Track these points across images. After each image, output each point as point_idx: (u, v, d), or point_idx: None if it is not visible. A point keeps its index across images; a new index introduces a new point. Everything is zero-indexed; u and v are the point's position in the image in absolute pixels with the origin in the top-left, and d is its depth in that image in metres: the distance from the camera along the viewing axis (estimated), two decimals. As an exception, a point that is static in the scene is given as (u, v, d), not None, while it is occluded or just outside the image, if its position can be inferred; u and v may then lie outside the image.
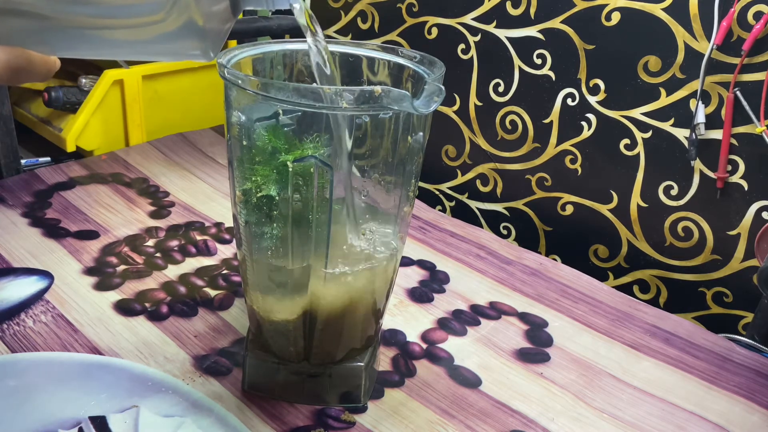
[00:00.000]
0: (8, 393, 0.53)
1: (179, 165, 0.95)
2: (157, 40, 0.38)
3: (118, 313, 0.64)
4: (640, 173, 0.85)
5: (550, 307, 0.71)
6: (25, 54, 0.38)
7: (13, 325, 0.61)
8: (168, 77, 1.02)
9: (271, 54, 0.55)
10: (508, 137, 0.96)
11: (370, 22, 1.07)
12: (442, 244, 0.82)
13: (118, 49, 0.42)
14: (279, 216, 0.49)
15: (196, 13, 0.37)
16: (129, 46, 0.39)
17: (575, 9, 0.85)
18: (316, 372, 0.55)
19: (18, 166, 0.90)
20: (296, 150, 0.47)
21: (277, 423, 0.53)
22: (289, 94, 0.44)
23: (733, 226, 0.79)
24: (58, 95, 0.94)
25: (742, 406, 0.59)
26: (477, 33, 0.95)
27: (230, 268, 0.73)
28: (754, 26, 0.72)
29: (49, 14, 0.36)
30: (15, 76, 0.38)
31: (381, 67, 0.55)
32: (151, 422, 0.52)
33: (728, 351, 0.66)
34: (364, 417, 0.55)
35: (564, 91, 0.89)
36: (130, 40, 0.39)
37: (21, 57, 0.38)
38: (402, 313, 0.68)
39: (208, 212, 0.84)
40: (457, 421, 0.55)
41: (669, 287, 0.86)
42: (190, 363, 0.59)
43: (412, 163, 0.50)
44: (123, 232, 0.78)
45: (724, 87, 0.76)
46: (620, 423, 0.56)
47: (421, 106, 0.43)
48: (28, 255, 0.72)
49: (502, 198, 0.99)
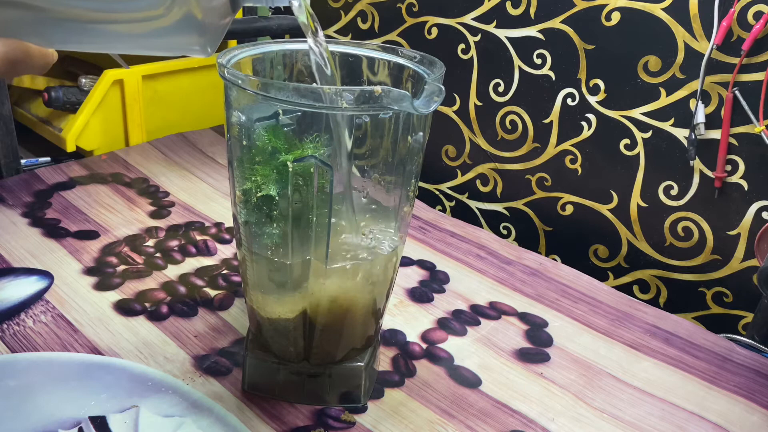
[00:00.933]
0: (8, 393, 0.53)
1: (179, 165, 0.95)
2: (156, 34, 0.38)
3: (118, 313, 0.64)
4: (640, 173, 0.85)
5: (550, 307, 0.71)
6: (23, 46, 0.38)
7: (13, 325, 0.61)
8: (168, 77, 1.02)
9: (271, 54, 0.55)
10: (508, 137, 0.96)
11: (370, 22, 1.07)
12: (442, 244, 0.82)
13: (116, 42, 0.41)
14: (279, 216, 0.49)
15: (195, 8, 0.37)
16: (127, 40, 0.39)
17: (575, 9, 0.85)
18: (316, 372, 0.55)
19: (18, 166, 0.90)
20: (296, 150, 0.47)
21: (277, 423, 0.53)
22: (289, 94, 0.44)
23: (733, 226, 0.79)
24: (58, 95, 0.94)
25: (742, 406, 0.59)
26: (477, 33, 0.95)
27: (230, 268, 0.73)
28: (754, 26, 0.72)
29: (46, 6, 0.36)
30: (12, 68, 0.38)
31: (381, 67, 0.55)
32: (151, 422, 0.52)
33: (728, 351, 0.66)
34: (364, 417, 0.55)
35: (564, 91, 0.89)
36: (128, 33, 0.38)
37: (18, 49, 0.38)
38: (402, 313, 0.68)
39: (208, 212, 0.84)
40: (457, 421, 0.55)
41: (669, 287, 0.86)
42: (190, 363, 0.59)
43: (412, 163, 0.50)
44: (123, 232, 0.78)
45: (724, 87, 0.76)
46: (620, 423, 0.56)
47: (421, 106, 0.43)
48: (28, 255, 0.72)
49: (502, 198, 0.99)
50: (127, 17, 0.37)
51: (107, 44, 0.41)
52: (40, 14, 0.36)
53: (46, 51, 0.40)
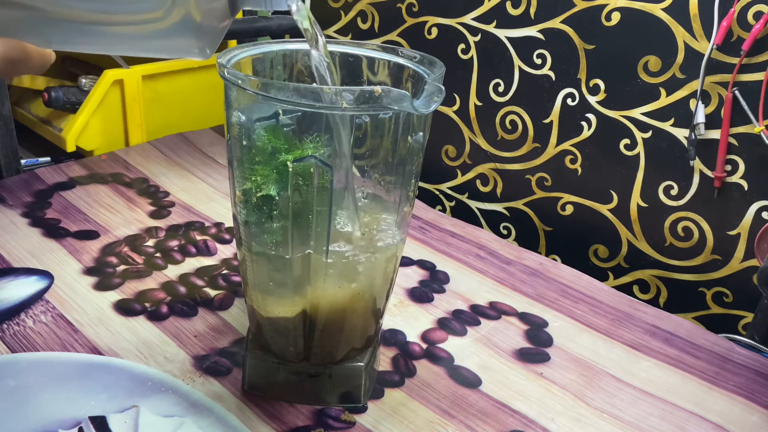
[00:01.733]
0: (8, 393, 0.53)
1: (179, 165, 0.95)
2: (155, 36, 0.38)
3: (118, 313, 0.64)
4: (640, 173, 0.85)
5: (550, 307, 0.71)
6: (21, 46, 0.38)
7: (13, 325, 0.61)
8: (168, 77, 1.02)
9: (271, 54, 0.55)
10: (508, 137, 0.96)
11: (370, 22, 1.07)
12: (442, 244, 0.82)
13: (114, 44, 0.41)
14: (279, 215, 0.49)
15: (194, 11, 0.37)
16: (126, 41, 0.39)
17: (575, 9, 0.85)
18: (316, 372, 0.55)
19: (18, 166, 0.90)
20: (296, 150, 0.47)
21: (277, 423, 0.53)
22: (289, 94, 0.44)
23: (733, 226, 0.79)
24: (58, 95, 0.94)
25: (742, 406, 0.59)
26: (477, 33, 0.95)
27: (230, 268, 0.73)
28: (754, 26, 0.72)
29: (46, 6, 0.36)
30: (11, 67, 0.38)
31: (381, 67, 0.55)
32: (151, 422, 0.52)
33: (728, 351, 0.66)
34: (364, 417, 0.55)
35: (564, 91, 0.89)
36: (127, 35, 0.38)
37: (17, 48, 0.38)
38: (402, 313, 0.68)
39: (208, 212, 0.84)
40: (457, 421, 0.55)
41: (669, 287, 0.86)
42: (190, 363, 0.59)
43: (412, 163, 0.50)
44: (123, 232, 0.78)
45: (724, 87, 0.76)
46: (620, 423, 0.56)
47: (421, 106, 0.43)
48: (28, 255, 0.72)
49: (502, 198, 0.99)
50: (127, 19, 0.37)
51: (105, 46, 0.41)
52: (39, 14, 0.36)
53: (44, 51, 0.40)
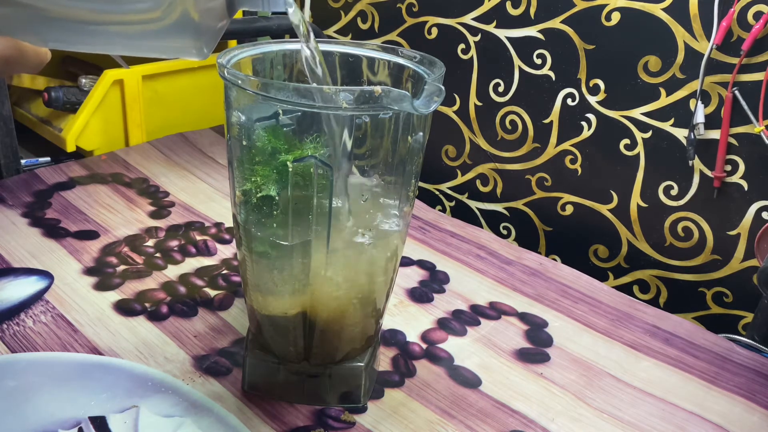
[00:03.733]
0: (8, 393, 0.53)
1: (179, 165, 0.95)
2: (152, 36, 0.38)
3: (118, 313, 0.64)
4: (640, 173, 0.85)
5: (550, 307, 0.71)
6: (17, 44, 0.38)
7: (13, 325, 0.61)
8: (168, 77, 1.02)
9: (271, 54, 0.55)
10: (508, 137, 0.96)
11: (370, 22, 1.07)
12: (442, 244, 0.82)
13: (111, 43, 0.41)
14: (279, 216, 0.49)
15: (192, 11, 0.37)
16: (123, 41, 0.39)
17: (575, 9, 0.85)
18: (316, 372, 0.55)
19: (18, 166, 0.90)
20: (296, 150, 0.47)
21: (277, 423, 0.53)
22: (289, 94, 0.44)
23: (733, 226, 0.79)
24: (58, 95, 0.94)
25: (742, 406, 0.59)
26: (477, 33, 0.95)
27: (230, 268, 0.73)
28: (754, 26, 0.72)
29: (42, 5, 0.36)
30: (6, 66, 0.38)
31: (381, 67, 0.55)
32: (151, 422, 0.52)
33: (728, 351, 0.66)
34: (364, 417, 0.55)
35: (564, 91, 0.89)
36: (124, 35, 0.38)
37: (12, 47, 0.37)
38: (402, 313, 0.68)
39: (208, 212, 0.84)
40: (457, 421, 0.55)
41: (669, 287, 0.86)
42: (190, 363, 0.59)
43: (412, 163, 0.50)
44: (123, 232, 0.78)
45: (724, 87, 0.76)
46: (620, 423, 0.56)
47: (421, 106, 0.43)
48: (28, 255, 0.72)
49: (502, 198, 0.99)
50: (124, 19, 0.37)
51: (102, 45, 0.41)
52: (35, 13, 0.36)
53: (40, 50, 0.39)
